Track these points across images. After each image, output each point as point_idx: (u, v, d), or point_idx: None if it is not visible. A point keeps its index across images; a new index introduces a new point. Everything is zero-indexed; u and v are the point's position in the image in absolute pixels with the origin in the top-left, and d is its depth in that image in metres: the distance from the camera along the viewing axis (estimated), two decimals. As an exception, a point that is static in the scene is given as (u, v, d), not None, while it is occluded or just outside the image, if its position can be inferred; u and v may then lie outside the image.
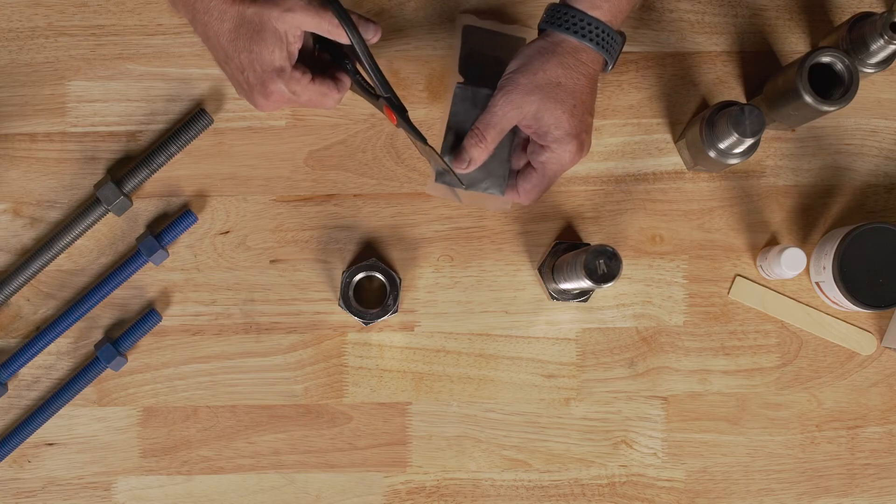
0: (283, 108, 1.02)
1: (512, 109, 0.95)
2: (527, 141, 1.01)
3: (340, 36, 0.93)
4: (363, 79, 0.98)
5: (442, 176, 1.00)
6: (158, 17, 1.10)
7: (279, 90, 0.94)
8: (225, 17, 0.92)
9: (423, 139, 0.96)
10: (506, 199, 1.02)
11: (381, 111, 0.98)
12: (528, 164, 0.99)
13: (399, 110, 0.95)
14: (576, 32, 0.95)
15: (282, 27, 0.91)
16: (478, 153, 0.97)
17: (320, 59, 0.99)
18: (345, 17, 0.90)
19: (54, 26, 1.10)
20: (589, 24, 0.95)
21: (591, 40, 0.95)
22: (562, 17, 0.95)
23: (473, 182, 1.00)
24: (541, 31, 0.98)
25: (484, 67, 1.03)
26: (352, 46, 0.92)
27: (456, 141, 0.99)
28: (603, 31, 0.95)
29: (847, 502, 1.11)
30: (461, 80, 1.03)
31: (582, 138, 0.96)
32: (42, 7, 1.10)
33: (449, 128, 0.99)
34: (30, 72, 1.10)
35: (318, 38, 0.98)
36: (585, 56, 0.95)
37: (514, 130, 1.00)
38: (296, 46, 0.93)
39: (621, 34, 0.98)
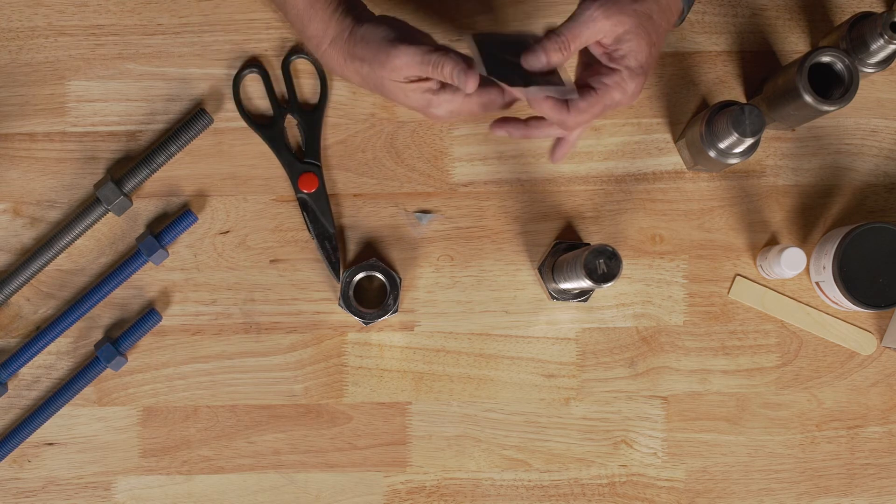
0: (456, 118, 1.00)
1: (606, 22, 0.91)
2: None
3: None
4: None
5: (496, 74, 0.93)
6: (158, 17, 1.10)
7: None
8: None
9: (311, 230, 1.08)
10: (569, 89, 0.93)
11: (292, 174, 1.07)
12: (587, 86, 0.94)
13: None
14: None
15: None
16: (557, 59, 0.92)
17: None
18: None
19: (54, 26, 1.10)
20: None
21: None
22: None
23: (532, 83, 0.92)
24: None
25: (506, 51, 0.95)
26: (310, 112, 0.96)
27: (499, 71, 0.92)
28: None
29: (847, 502, 1.11)
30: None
31: (646, 78, 0.94)
32: (42, 7, 1.10)
33: (490, 70, 0.91)
34: (30, 72, 1.10)
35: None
36: (674, 4, 0.95)
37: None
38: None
39: None
